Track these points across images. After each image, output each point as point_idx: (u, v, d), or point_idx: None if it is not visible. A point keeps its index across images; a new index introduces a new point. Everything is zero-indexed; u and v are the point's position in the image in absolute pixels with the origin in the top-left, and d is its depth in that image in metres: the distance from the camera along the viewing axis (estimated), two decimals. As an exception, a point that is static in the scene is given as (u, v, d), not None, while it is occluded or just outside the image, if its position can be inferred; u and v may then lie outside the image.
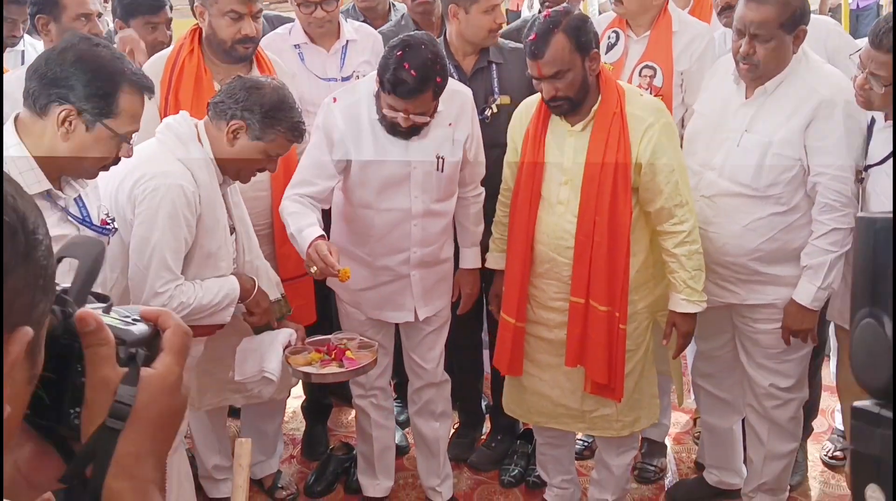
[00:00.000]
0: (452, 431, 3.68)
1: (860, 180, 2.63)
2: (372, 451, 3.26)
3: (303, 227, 2.68)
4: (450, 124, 2.84)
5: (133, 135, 2.03)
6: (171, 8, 3.39)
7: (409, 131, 2.74)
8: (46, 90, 1.92)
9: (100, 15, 3.14)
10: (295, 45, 3.34)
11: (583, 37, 2.59)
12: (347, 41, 3.35)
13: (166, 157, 2.38)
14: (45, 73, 1.92)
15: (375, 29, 3.53)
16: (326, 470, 3.46)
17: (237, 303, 2.56)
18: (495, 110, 3.17)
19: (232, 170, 2.49)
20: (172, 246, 2.35)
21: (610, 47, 3.25)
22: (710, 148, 2.80)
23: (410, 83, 2.59)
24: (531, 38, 2.60)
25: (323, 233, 2.68)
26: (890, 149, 2.54)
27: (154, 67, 2.86)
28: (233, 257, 2.59)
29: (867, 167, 2.61)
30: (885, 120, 2.57)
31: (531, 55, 2.60)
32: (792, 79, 2.68)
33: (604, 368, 2.74)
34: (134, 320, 0.84)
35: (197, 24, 2.86)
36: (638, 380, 2.86)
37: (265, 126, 2.40)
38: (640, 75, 3.23)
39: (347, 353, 2.71)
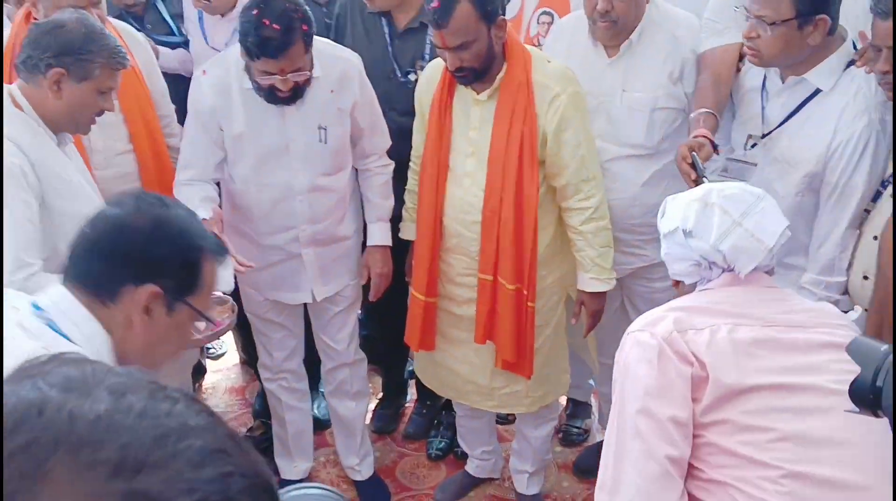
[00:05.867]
0: (376, 402, 3.60)
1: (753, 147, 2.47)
2: (286, 434, 3.16)
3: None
4: (331, 91, 2.65)
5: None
6: None
7: (292, 95, 2.54)
8: None
9: None
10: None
11: (488, 4, 2.39)
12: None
13: None
14: None
15: None
16: (243, 455, 3.36)
17: None
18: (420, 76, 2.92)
19: (67, 123, 2.23)
20: (14, 231, 2.05)
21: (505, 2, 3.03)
22: None
23: (276, 38, 2.39)
24: (434, 5, 2.38)
25: (208, 215, 2.48)
26: (788, 111, 2.38)
27: None
28: None
29: (765, 135, 2.43)
30: (783, 81, 2.39)
31: (434, 24, 2.40)
32: (651, 28, 2.58)
33: (512, 345, 2.63)
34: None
35: (28, 9, 2.59)
36: (548, 355, 2.75)
37: (85, 63, 2.15)
38: (538, 23, 3.03)
39: None
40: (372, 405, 3.55)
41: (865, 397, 1.30)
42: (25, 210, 2.07)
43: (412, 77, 2.94)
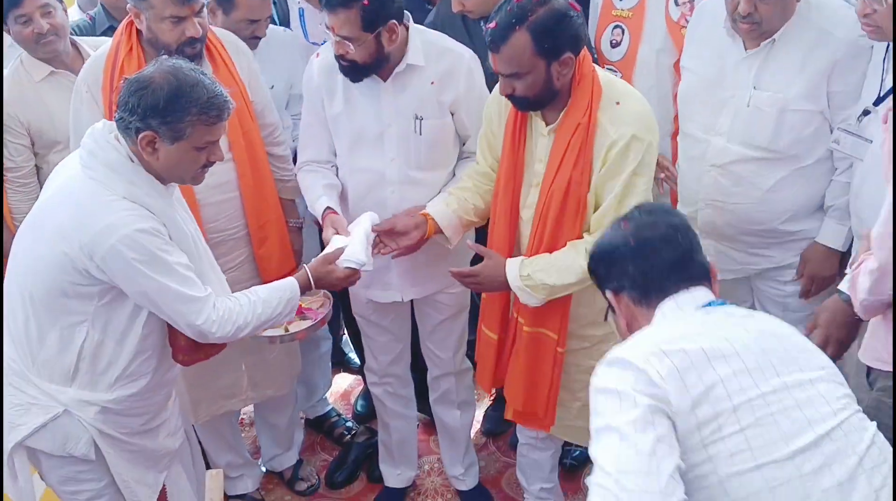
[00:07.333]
0: (490, 402, 3.44)
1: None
2: (391, 440, 3.07)
3: (313, 202, 2.57)
4: (432, 83, 2.49)
5: None
6: None
7: (352, 68, 2.41)
8: None
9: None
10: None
11: (550, 40, 2.09)
12: None
13: (106, 202, 1.97)
14: None
15: None
16: (347, 459, 3.28)
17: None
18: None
19: (173, 178, 2.10)
20: (175, 276, 2.02)
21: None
22: (712, 110, 2.45)
23: None
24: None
25: (330, 205, 2.51)
26: None
27: (93, 71, 2.51)
28: (214, 266, 2.28)
29: (878, 100, 2.23)
30: None
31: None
32: (798, 23, 2.29)
33: (528, 395, 2.43)
34: None
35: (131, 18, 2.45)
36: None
37: (173, 124, 1.96)
38: (677, 4, 2.72)
39: (301, 304, 2.40)
40: (484, 407, 3.42)
41: None
42: (173, 250, 2.04)
43: None
